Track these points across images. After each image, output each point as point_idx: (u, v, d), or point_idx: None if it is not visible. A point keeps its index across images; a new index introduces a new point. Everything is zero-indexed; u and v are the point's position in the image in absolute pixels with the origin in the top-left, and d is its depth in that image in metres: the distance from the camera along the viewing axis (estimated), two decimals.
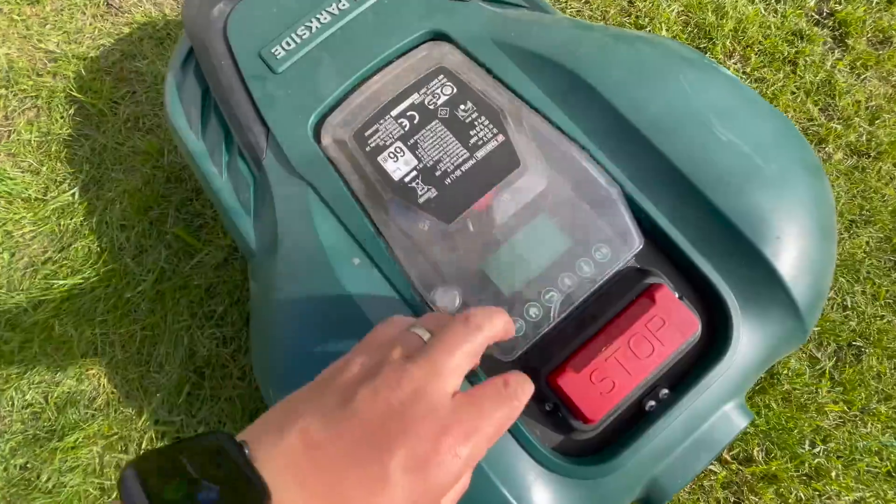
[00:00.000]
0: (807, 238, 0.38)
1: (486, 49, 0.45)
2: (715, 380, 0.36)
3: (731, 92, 0.41)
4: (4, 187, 0.69)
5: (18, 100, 0.75)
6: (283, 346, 0.39)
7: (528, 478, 0.35)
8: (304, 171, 0.43)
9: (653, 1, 0.75)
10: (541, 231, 0.39)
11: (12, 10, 0.79)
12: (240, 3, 0.51)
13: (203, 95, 0.51)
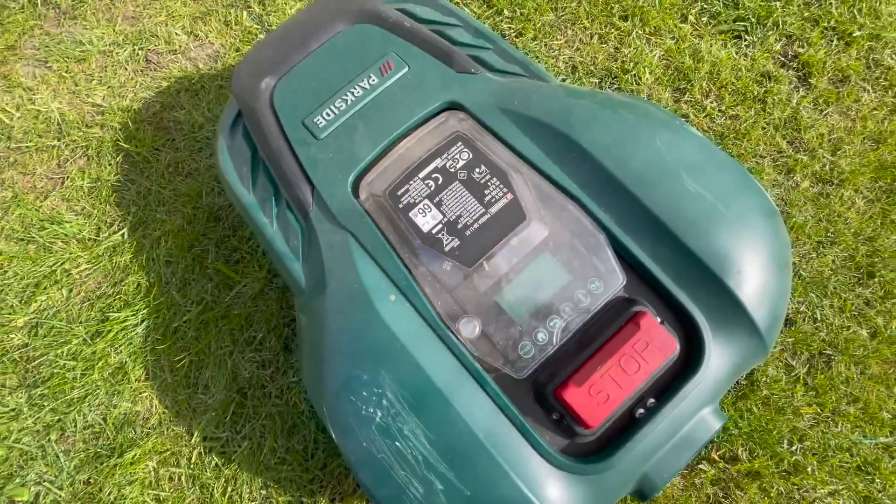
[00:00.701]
0: (764, 271, 0.46)
1: (494, 116, 0.53)
2: (692, 390, 0.44)
3: (698, 149, 0.50)
4: (62, 230, 0.77)
5: (70, 150, 0.83)
6: (333, 370, 0.47)
7: (540, 475, 0.42)
8: (345, 222, 0.51)
9: (637, 47, 0.84)
10: (544, 270, 0.48)
11: (61, 67, 0.88)
12: (284, 77, 0.60)
13: (252, 155, 0.59)
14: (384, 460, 0.43)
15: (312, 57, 0.60)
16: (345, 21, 0.61)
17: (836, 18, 0.83)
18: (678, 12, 0.86)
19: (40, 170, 0.82)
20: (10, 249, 0.77)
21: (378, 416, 0.44)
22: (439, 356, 0.45)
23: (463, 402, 0.43)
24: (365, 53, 0.59)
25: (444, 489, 0.42)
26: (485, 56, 0.60)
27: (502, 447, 0.42)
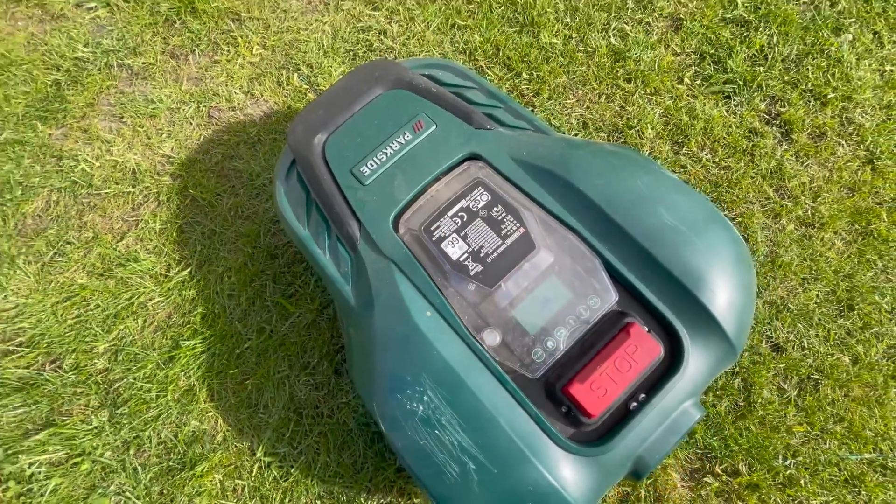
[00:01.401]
0: (731, 289, 0.57)
1: (507, 164, 0.65)
2: (675, 386, 0.54)
3: (673, 190, 0.61)
4: (137, 267, 0.88)
5: (143, 195, 0.94)
6: (382, 373, 0.57)
7: (553, 457, 0.52)
8: (388, 252, 0.62)
9: (640, 106, 0.96)
10: (551, 289, 0.59)
11: (135, 122, 1.00)
12: (333, 134, 0.71)
13: (306, 197, 0.70)
14: (426, 446, 0.53)
15: (357, 117, 0.72)
16: (382, 87, 0.73)
17: (812, 82, 0.95)
18: (675, 75, 0.99)
19: (117, 213, 0.93)
20: (93, 284, 0.88)
21: (420, 410, 0.53)
22: (468, 361, 0.55)
23: (488, 398, 0.53)
24: (400, 114, 0.70)
25: (475, 468, 0.51)
26: (497, 114, 0.73)
27: (522, 434, 0.52)
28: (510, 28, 1.04)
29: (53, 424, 0.79)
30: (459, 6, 1.06)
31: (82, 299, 0.87)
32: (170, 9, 1.10)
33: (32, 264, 0.90)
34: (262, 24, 1.08)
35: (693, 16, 1.02)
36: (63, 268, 0.89)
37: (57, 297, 0.87)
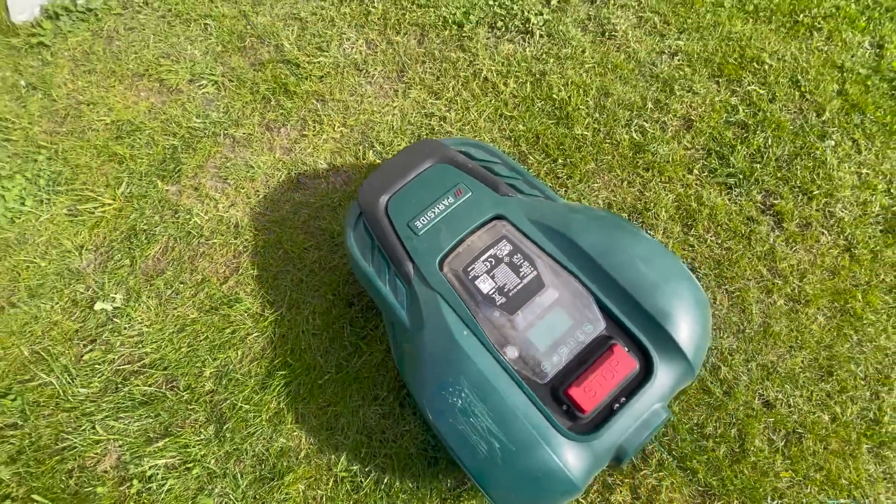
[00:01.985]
0: (690, 324, 0.76)
1: (524, 224, 0.86)
2: (647, 392, 0.72)
3: (649, 248, 0.81)
4: (239, 306, 1.07)
5: (244, 246, 1.15)
6: (430, 376, 0.76)
7: (557, 442, 0.70)
8: (435, 286, 0.81)
9: (656, 192, 1.15)
10: (556, 318, 0.78)
11: (237, 183, 1.22)
12: (394, 195, 0.92)
13: (371, 242, 0.90)
14: (463, 430, 0.71)
15: (412, 183, 0.92)
16: (431, 161, 0.94)
17: (800, 179, 1.14)
18: (686, 167, 1.18)
19: (222, 259, 1.14)
20: (202, 318, 1.07)
21: (459, 403, 0.72)
22: (494, 369, 0.74)
23: (509, 396, 0.71)
24: (445, 183, 0.91)
25: (499, 447, 0.69)
26: (517, 184, 0.94)
27: (533, 423, 0.70)
28: (548, 120, 1.25)
29: (170, 434, 0.97)
30: (506, 99, 1.29)
31: (193, 331, 1.06)
32: (266, 89, 1.34)
33: (153, 299, 1.10)
34: (343, 105, 1.31)
35: (702, 118, 1.23)
36: (178, 304, 1.09)
37: (173, 328, 1.07)
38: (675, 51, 1.32)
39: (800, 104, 1.23)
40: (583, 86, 1.28)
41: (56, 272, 1.14)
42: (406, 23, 1.42)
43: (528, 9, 1.40)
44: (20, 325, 1.09)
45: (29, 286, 1.13)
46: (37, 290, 1.12)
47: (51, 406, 1.01)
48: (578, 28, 1.37)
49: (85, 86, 1.41)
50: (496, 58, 1.34)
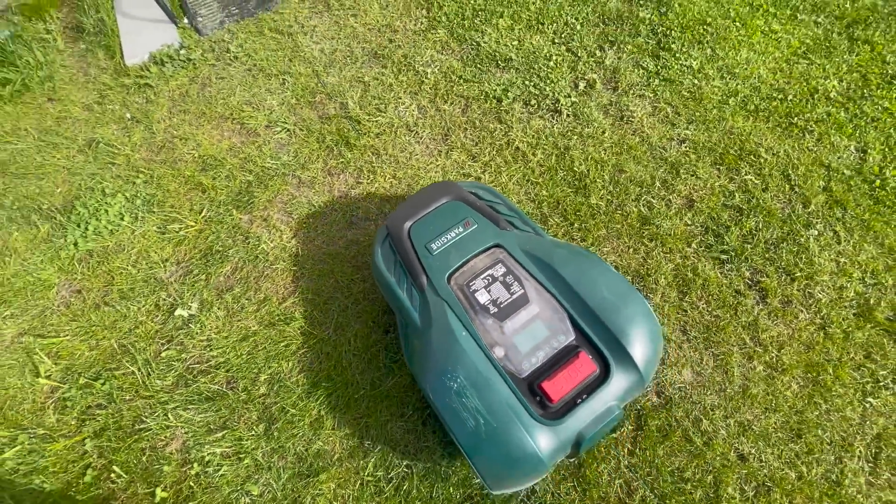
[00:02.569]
0: (642, 341, 0.93)
1: (517, 252, 1.05)
2: (603, 392, 0.89)
3: (614, 279, 0.99)
4: (294, 324, 1.27)
5: (302, 271, 1.35)
6: (433, 366, 0.94)
7: (530, 423, 0.87)
8: (443, 296, 1.00)
9: (658, 261, 1.33)
10: (537, 328, 0.96)
11: (301, 219, 1.44)
12: (415, 223, 1.12)
13: (394, 258, 1.10)
14: (456, 408, 0.88)
15: (431, 214, 1.13)
16: (447, 198, 1.16)
17: (785, 261, 1.31)
18: (685, 240, 1.36)
19: (282, 282, 1.34)
20: (262, 331, 1.26)
21: (454, 387, 0.89)
22: (485, 363, 0.91)
23: (495, 384, 0.89)
24: (457, 216, 1.12)
25: (484, 423, 0.86)
26: (514, 221, 1.14)
27: (512, 407, 0.87)
28: (569, 189, 1.46)
29: (228, 428, 1.15)
30: (534, 167, 1.50)
31: (254, 341, 1.25)
32: (331, 140, 1.58)
33: (222, 311, 1.30)
34: (394, 160, 1.54)
35: (702, 199, 1.42)
36: (242, 316, 1.29)
37: (236, 336, 1.26)
38: (683, 139, 1.52)
39: (789, 195, 1.41)
40: (601, 162, 1.49)
41: (144, 279, 1.36)
42: (453, 94, 1.66)
43: (559, 91, 1.64)
44: (111, 321, 1.30)
45: (121, 289, 1.35)
46: (127, 294, 1.34)
47: (132, 392, 1.20)
48: (601, 112, 1.60)
49: (179, 123, 1.68)
50: (528, 131, 1.57)
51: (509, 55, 1.74)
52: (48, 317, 1.33)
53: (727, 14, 1.78)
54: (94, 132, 1.68)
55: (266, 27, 1.89)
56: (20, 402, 1.21)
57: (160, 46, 1.84)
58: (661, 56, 1.69)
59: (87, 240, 1.43)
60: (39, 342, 1.28)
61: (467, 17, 1.86)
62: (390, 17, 1.89)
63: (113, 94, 1.77)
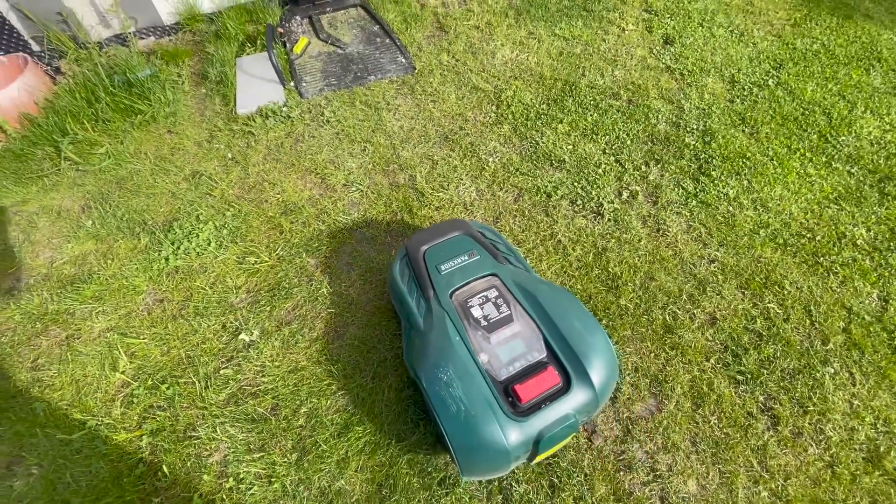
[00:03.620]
0: (601, 369, 1.12)
1: (509, 282, 1.25)
2: (564, 401, 1.08)
3: (583, 314, 1.20)
4: (339, 366, 1.42)
5: (352, 319, 1.52)
6: (429, 360, 1.13)
7: (502, 417, 1.04)
8: (445, 307, 1.19)
9: (676, 369, 1.43)
10: (516, 343, 1.16)
11: (360, 271, 1.63)
12: (430, 247, 1.35)
13: (409, 273, 1.30)
14: (443, 395, 1.06)
15: (444, 243, 1.36)
16: (459, 232, 1.39)
17: (800, 393, 1.38)
18: (704, 355, 1.46)
19: (334, 325, 1.51)
20: (309, 367, 1.42)
21: (444, 378, 1.07)
22: (471, 365, 1.10)
23: (477, 381, 1.07)
24: (464, 247, 1.35)
25: (464, 410, 1.03)
26: (510, 258, 1.39)
27: (489, 402, 1.05)
28: (602, 287, 1.60)
29: (265, 451, 1.28)
30: (572, 261, 1.66)
31: (301, 375, 1.40)
32: (397, 206, 1.80)
33: (278, 342, 1.47)
34: None
35: (725, 318, 1.53)
36: (294, 350, 1.45)
37: (287, 368, 1.42)
38: (712, 259, 1.66)
39: (809, 330, 1.50)
40: (634, 267, 1.64)
41: (217, 301, 1.56)
42: (509, 183, 1.88)
43: (603, 196, 1.83)
44: (183, 333, 1.49)
45: (196, 306, 1.55)
46: (201, 311, 1.54)
47: (189, 401, 1.36)
48: (639, 221, 1.76)
49: (270, 169, 1.95)
50: (571, 227, 1.75)
51: (563, 157, 1.96)
52: (132, 319, 1.53)
53: (766, 152, 1.97)
54: (199, 165, 1.97)
55: (357, 99, 2.21)
56: (94, 391, 1.39)
57: (267, 102, 2.17)
58: (701, 180, 1.87)
59: (177, 257, 1.66)
60: (121, 340, 1.48)
61: (531, 118, 2.12)
62: (464, 107, 2.17)
63: (221, 136, 2.08)
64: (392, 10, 2.64)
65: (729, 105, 2.16)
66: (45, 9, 2.26)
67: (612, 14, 2.61)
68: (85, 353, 1.46)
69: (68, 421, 1.33)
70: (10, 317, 1.55)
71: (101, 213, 1.82)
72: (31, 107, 2.12)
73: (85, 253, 1.71)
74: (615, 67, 2.33)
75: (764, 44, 2.45)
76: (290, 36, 2.49)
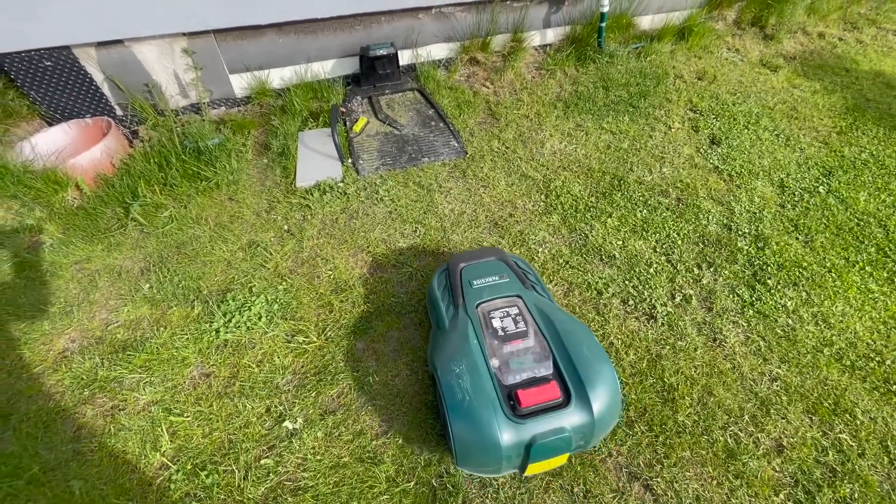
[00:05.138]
0: (603, 396, 1.20)
1: (531, 305, 1.44)
2: (561, 415, 1.17)
3: (593, 342, 1.32)
4: (382, 467, 1.36)
5: (397, 412, 1.47)
6: (447, 356, 1.29)
7: (500, 415, 1.16)
8: (470, 315, 1.40)
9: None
10: (527, 356, 1.29)
11: (407, 359, 1.60)
12: (467, 266, 1.56)
13: (446, 283, 1.55)
14: (454, 385, 1.20)
15: (480, 263, 1.56)
16: (495, 257, 1.59)
17: None
18: (773, 488, 1.35)
19: (378, 419, 1.46)
20: (352, 464, 1.36)
21: (457, 371, 1.22)
22: (482, 364, 1.24)
23: (484, 380, 1.20)
24: (497, 270, 1.53)
25: (469, 399, 1.17)
26: (536, 287, 1.55)
27: (491, 399, 1.17)
28: (657, 398, 1.53)
29: None
30: (625, 367, 1.60)
31: (343, 474, 1.35)
32: None
33: (322, 432, 1.43)
34: None
35: (793, 447, 1.43)
36: (338, 444, 1.41)
37: (328, 463, 1.37)
38: (774, 377, 1.58)
39: (888, 470, 1.38)
40: (691, 379, 1.57)
41: (263, 381, 1.55)
42: (559, 276, 1.87)
43: (656, 298, 1.80)
44: (227, 413, 1.47)
45: (242, 385, 1.53)
46: (247, 391, 1.52)
47: (227, 493, 1.31)
48: (694, 328, 1.72)
49: (324, 244, 2.00)
50: (623, 329, 1.71)
51: (613, 252, 1.96)
52: (178, 393, 1.52)
53: (823, 262, 1.93)
54: (256, 235, 2.04)
55: (411, 180, 2.29)
56: (133, 470, 1.35)
57: (325, 177, 2.27)
58: (757, 288, 1.83)
59: (227, 330, 1.67)
60: (165, 416, 1.46)
61: (580, 209, 2.15)
62: (513, 194, 2.23)
63: (279, 207, 2.16)
64: (447, 95, 2.80)
65: (780, 210, 2.16)
66: (135, 80, 2.48)
67: (658, 111, 2.71)
68: (128, 427, 1.44)
69: (104, 503, 1.29)
70: (60, 380, 1.56)
71: (159, 278, 1.87)
72: (107, 167, 2.27)
73: (139, 318, 1.74)
74: (663, 164, 2.38)
75: (811, 150, 2.49)
76: (350, 115, 2.65)
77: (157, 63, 2.48)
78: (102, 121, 2.47)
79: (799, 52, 3.32)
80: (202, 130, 2.42)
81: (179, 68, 2.52)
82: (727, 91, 2.88)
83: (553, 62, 3.03)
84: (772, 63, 3.16)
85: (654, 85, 2.89)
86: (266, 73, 2.71)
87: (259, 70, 2.69)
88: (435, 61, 2.98)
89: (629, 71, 2.99)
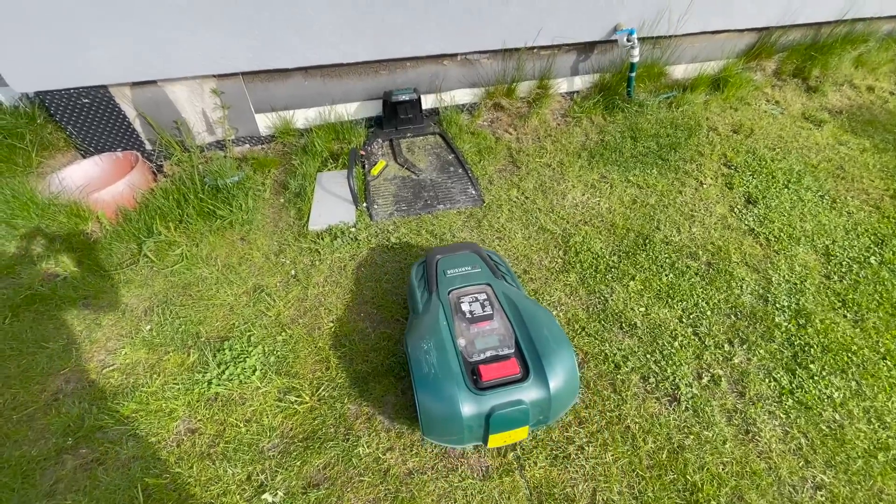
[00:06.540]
0: (560, 374, 1.30)
1: (499, 292, 1.53)
2: (519, 388, 1.27)
3: (554, 324, 1.43)
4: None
5: (386, 493, 1.35)
6: (418, 334, 1.40)
7: (462, 387, 1.26)
8: (442, 300, 1.50)
9: None
10: (491, 337, 1.39)
11: (403, 431, 1.49)
12: (443, 257, 1.68)
13: (422, 273, 1.67)
14: (421, 360, 1.31)
15: (455, 255, 1.68)
16: (469, 250, 1.72)
17: None
18: None
19: (365, 500, 1.34)
20: None
21: (425, 347, 1.34)
22: (449, 342, 1.35)
23: (450, 356, 1.31)
24: (470, 261, 1.65)
25: (434, 372, 1.28)
26: (506, 277, 1.66)
27: (454, 373, 1.27)
28: (678, 498, 1.34)
29: None
30: (642, 456, 1.43)
31: None
32: None
33: None
34: None
35: None
36: None
37: None
38: (819, 484, 1.38)
39: None
40: (718, 478, 1.38)
41: (248, 443, 1.46)
42: (574, 344, 1.73)
43: (680, 377, 1.63)
44: (207, 478, 1.38)
45: (227, 446, 1.45)
46: (230, 454, 1.44)
47: None
48: (723, 416, 1.53)
49: (329, 292, 1.94)
50: (642, 411, 1.54)
51: (634, 320, 1.81)
52: (160, 450, 1.45)
53: (876, 347, 1.72)
54: (262, 279, 2.01)
55: (424, 228, 2.23)
56: None
57: (338, 221, 2.23)
58: (798, 373, 1.63)
59: (219, 382, 1.61)
60: (142, 476, 1.39)
61: (600, 269, 2.02)
62: (529, 248, 2.12)
63: (289, 250, 2.13)
64: (468, 140, 2.76)
65: (825, 282, 1.96)
66: (165, 117, 2.56)
67: (690, 165, 2.58)
68: (104, 485, 1.37)
69: None
70: (48, 424, 1.53)
71: (161, 320, 1.84)
72: (129, 202, 2.31)
73: (136, 362, 1.70)
74: (693, 223, 2.23)
75: (860, 214, 2.28)
76: (370, 158, 2.64)
77: (188, 102, 2.55)
78: (132, 155, 2.54)
79: (846, 106, 3.13)
80: (223, 167, 2.45)
81: (208, 107, 2.59)
82: (765, 146, 2.72)
83: (580, 110, 2.96)
84: (815, 117, 2.98)
85: (685, 137, 2.76)
86: (291, 113, 2.76)
87: (284, 110, 2.74)
88: (458, 106, 2.97)
89: (659, 121, 2.88)
